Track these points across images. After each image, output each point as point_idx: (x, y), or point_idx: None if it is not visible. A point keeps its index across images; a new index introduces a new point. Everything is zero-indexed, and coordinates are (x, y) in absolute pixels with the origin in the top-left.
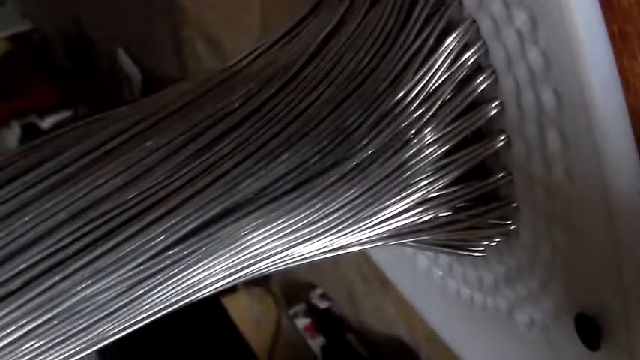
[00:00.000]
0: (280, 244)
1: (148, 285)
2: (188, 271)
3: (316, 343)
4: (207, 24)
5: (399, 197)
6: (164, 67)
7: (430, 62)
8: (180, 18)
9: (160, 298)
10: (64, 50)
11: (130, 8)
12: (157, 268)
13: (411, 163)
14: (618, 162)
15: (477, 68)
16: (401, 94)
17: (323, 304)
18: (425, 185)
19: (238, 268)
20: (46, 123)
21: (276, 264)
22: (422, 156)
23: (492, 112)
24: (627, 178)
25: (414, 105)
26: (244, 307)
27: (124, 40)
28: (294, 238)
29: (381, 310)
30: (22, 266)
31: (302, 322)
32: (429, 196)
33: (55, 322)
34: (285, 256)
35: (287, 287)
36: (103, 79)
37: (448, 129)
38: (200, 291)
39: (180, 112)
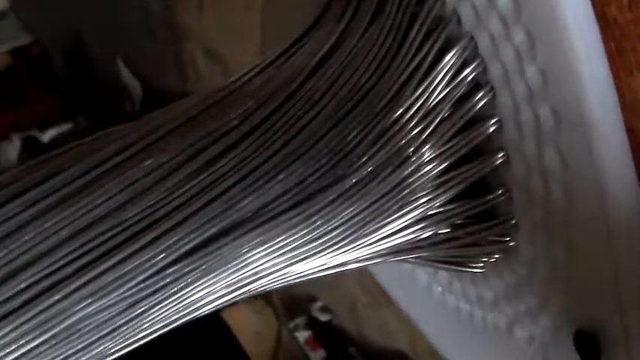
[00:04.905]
0: (280, 262)
1: (148, 303)
2: (188, 289)
3: (317, 356)
4: (207, 36)
5: (399, 214)
6: (164, 78)
7: (429, 79)
8: (180, 30)
9: (160, 316)
10: (64, 63)
11: (130, 20)
12: (157, 286)
13: (410, 180)
14: (617, 179)
15: (476, 85)
16: (400, 111)
17: (324, 317)
18: (424, 202)
19: (238, 285)
20: (47, 136)
21: (276, 281)
22: (421, 173)
23: (491, 130)
24: (626, 195)
25: (413, 122)
26: (245, 320)
27: (124, 52)
28: (294, 255)
29: (382, 322)
30: (23, 285)
31: (303, 335)
32: (428, 213)
33: (55, 341)
34: (284, 273)
35: (288, 300)
36: (103, 92)
37: (447, 146)
38: (200, 309)
39: (180, 130)
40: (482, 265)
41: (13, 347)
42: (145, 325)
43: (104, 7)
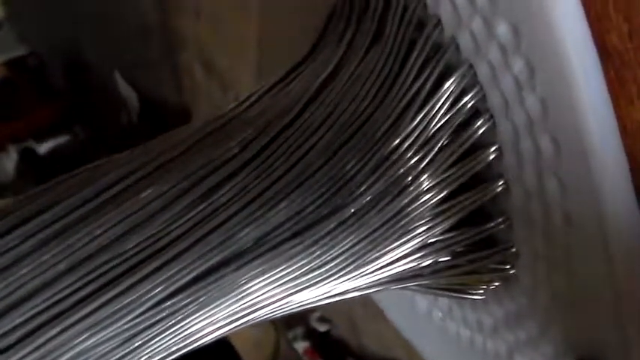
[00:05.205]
0: (280, 292)
1: (147, 335)
2: (187, 321)
3: None
4: (204, 47)
5: (398, 243)
6: (161, 90)
7: (428, 107)
8: (177, 41)
9: (159, 349)
10: (61, 74)
11: (127, 31)
12: (157, 318)
13: (410, 209)
14: (617, 208)
15: (475, 113)
16: (398, 140)
17: (322, 328)
18: (424, 231)
19: (238, 316)
20: (44, 148)
21: (275, 311)
22: (420, 202)
23: (490, 158)
24: (627, 223)
25: (412, 150)
26: (243, 331)
27: (121, 63)
28: (294, 285)
29: (380, 333)
30: (20, 319)
31: (301, 346)
32: (428, 242)
33: None
34: (284, 303)
35: None
36: (100, 103)
37: (446, 174)
38: (200, 340)
39: (179, 159)
40: (482, 292)
41: None
42: (144, 358)
43: (102, 15)
